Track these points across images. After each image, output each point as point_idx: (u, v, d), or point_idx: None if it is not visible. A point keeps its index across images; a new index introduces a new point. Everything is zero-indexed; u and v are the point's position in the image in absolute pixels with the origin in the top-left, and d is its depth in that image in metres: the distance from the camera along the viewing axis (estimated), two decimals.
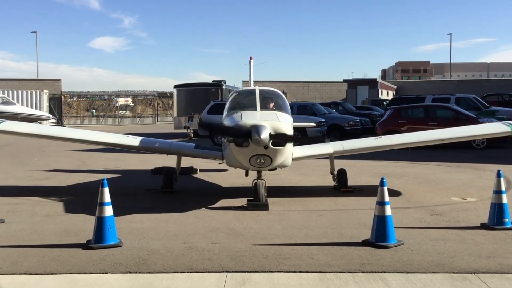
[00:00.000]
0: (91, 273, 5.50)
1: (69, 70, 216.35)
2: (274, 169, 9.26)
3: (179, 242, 6.63)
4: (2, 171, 14.15)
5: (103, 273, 5.51)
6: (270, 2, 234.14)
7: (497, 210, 7.18)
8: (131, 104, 68.71)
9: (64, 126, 33.15)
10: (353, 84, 45.60)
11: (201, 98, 29.97)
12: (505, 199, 7.20)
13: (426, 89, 47.50)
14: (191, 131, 25.97)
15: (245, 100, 9.63)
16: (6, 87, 40.14)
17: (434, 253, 6.07)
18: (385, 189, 6.37)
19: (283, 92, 11.32)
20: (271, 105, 9.46)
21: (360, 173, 12.84)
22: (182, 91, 32.26)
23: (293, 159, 9.39)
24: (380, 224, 6.33)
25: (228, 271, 5.52)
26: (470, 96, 26.30)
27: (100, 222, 6.32)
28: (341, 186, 10.42)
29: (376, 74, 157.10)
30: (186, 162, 12.34)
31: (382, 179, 6.42)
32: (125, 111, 60.78)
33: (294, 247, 6.37)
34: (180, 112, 31.54)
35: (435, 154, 16.69)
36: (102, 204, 6.32)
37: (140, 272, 5.52)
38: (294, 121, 9.29)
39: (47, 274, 5.48)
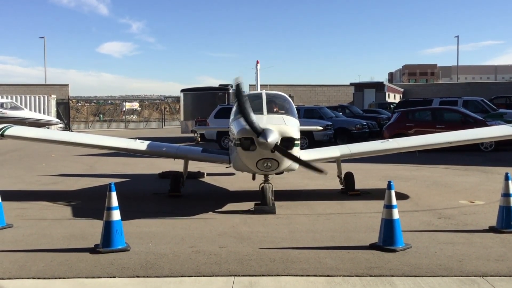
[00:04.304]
0: (99, 277, 5.52)
1: (77, 75, 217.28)
2: (281, 172, 9.25)
3: (186, 246, 6.64)
4: (10, 176, 14.23)
5: (111, 277, 5.53)
6: (277, 6, 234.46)
7: (506, 213, 7.14)
8: (138, 108, 68.97)
9: (71, 131, 33.27)
10: (360, 87, 45.48)
11: (208, 102, 30.03)
12: None
13: (433, 92, 47.29)
14: (198, 135, 26.01)
15: (252, 104, 9.62)
16: (14, 92, 40.43)
17: (442, 257, 6.05)
18: (393, 192, 6.35)
19: (289, 96, 11.33)
20: (278, 109, 9.47)
21: (367, 177, 12.80)
22: (189, 95, 32.35)
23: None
24: (388, 227, 6.31)
25: (236, 275, 5.52)
26: (478, 98, 26.18)
27: (108, 227, 6.34)
28: (348, 190, 10.40)
29: (383, 77, 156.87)
30: (193, 166, 12.36)
31: (389, 182, 6.40)
32: (132, 116, 60.99)
33: (302, 250, 6.36)
34: (187, 116, 31.62)
35: (443, 157, 16.62)
36: (109, 209, 6.35)
37: (147, 276, 5.53)
38: (301, 125, 9.29)
39: (55, 278, 5.50)
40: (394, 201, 6.33)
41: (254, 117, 7.85)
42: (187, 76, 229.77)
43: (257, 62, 14.20)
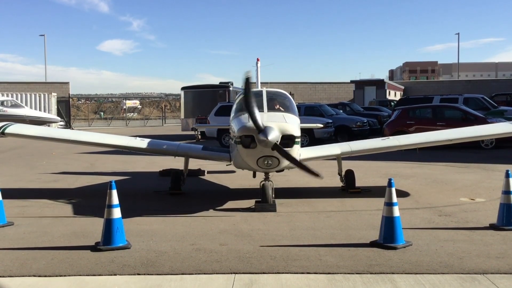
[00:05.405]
0: (100, 275, 5.52)
1: (78, 73, 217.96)
2: (282, 170, 9.26)
3: (187, 243, 6.64)
4: (11, 173, 14.23)
5: (111, 275, 5.53)
6: (277, 3, 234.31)
7: (506, 210, 7.14)
8: (139, 106, 69.00)
9: (72, 129, 33.29)
10: (360, 84, 45.49)
11: (209, 100, 30.00)
12: None
13: (434, 89, 47.34)
14: (199, 133, 26.00)
15: None
16: (15, 90, 40.46)
17: (442, 254, 6.05)
18: (393, 189, 6.35)
19: (290, 94, 11.32)
20: (278, 106, 9.46)
21: (368, 174, 12.80)
22: (189, 93, 32.31)
23: (301, 160, 9.37)
24: (388, 225, 6.31)
25: (236, 273, 5.53)
26: (478, 96, 26.17)
27: (109, 224, 6.35)
28: (349, 187, 10.39)
29: (383, 75, 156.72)
30: (193, 164, 12.36)
31: (390, 179, 6.40)
32: (133, 114, 61.04)
33: (302, 248, 6.37)
34: (187, 114, 31.58)
35: (443, 155, 16.61)
36: (110, 206, 6.35)
37: (148, 274, 5.53)
38: (301, 122, 9.28)
39: (56, 276, 5.50)
40: (395, 199, 6.33)
41: (258, 114, 7.85)
42: (188, 74, 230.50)
43: (258, 59, 14.19)
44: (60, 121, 37.03)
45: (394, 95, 45.70)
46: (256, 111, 7.80)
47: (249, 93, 7.82)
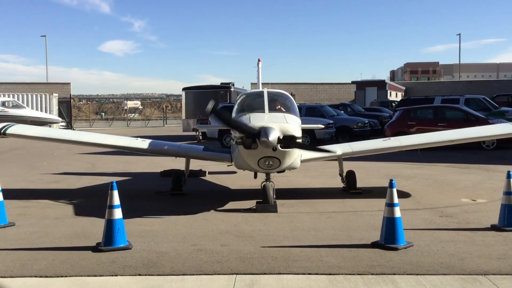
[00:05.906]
0: (101, 276, 5.52)
1: (79, 74, 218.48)
2: (283, 171, 9.25)
3: (188, 244, 6.64)
4: (12, 174, 14.24)
5: (112, 275, 5.53)
6: (278, 4, 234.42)
7: (508, 211, 7.13)
8: (140, 107, 69.03)
9: (73, 130, 33.28)
10: (361, 85, 45.42)
11: (210, 100, 29.95)
12: None
13: (435, 90, 47.25)
14: (200, 133, 26.00)
15: (253, 102, 9.65)
16: (16, 91, 40.50)
17: (444, 255, 6.04)
18: (394, 190, 6.35)
19: (291, 94, 11.32)
20: (280, 107, 9.46)
21: (369, 175, 12.79)
22: (190, 94, 32.34)
23: (302, 161, 9.38)
24: (390, 225, 6.31)
25: (237, 273, 5.53)
26: (480, 96, 26.14)
27: (110, 225, 6.35)
28: (350, 188, 10.39)
29: (384, 75, 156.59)
30: (195, 164, 12.36)
31: (391, 180, 6.40)
32: (134, 114, 61.02)
33: (303, 249, 6.36)
34: (188, 115, 31.61)
35: (445, 155, 16.60)
36: (111, 207, 6.35)
37: (149, 275, 5.53)
38: (302, 123, 9.28)
39: (57, 276, 5.50)
40: (396, 199, 6.32)
41: (244, 121, 8.15)
42: (189, 75, 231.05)
43: (259, 60, 14.22)
44: (61, 121, 37.02)
45: (395, 96, 45.63)
46: (240, 122, 8.30)
47: (224, 117, 8.59)
